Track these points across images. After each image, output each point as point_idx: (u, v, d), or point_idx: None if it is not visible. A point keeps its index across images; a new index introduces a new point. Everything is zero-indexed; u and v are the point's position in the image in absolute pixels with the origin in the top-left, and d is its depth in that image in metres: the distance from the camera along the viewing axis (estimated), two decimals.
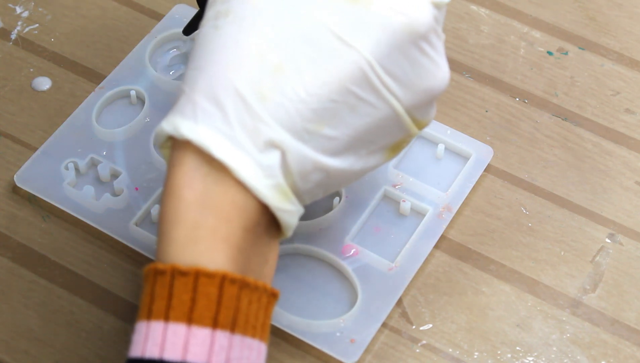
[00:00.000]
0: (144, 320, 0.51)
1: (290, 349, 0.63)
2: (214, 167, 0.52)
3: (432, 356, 0.63)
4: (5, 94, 0.74)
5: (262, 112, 0.52)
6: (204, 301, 0.51)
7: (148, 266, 0.52)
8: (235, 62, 0.53)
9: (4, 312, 0.65)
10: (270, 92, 0.53)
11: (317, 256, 0.66)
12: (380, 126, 0.56)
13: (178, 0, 0.79)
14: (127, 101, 0.73)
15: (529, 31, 0.78)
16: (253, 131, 0.52)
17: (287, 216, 0.54)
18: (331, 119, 0.54)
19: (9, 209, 0.69)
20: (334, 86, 0.53)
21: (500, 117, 0.73)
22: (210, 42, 0.54)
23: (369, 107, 0.54)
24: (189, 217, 0.52)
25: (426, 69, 0.56)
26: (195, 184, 0.52)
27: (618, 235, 0.68)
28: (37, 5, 0.79)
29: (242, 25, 0.54)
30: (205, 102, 0.53)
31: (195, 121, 0.53)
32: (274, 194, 0.53)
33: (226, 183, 0.52)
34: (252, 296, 0.52)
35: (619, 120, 0.73)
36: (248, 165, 0.52)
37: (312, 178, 0.55)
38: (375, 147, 0.57)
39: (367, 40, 0.53)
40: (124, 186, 0.68)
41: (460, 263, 0.67)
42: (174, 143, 0.54)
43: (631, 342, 0.64)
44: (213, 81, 0.53)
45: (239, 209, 0.52)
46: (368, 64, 0.53)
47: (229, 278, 0.51)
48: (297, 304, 0.64)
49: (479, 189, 0.70)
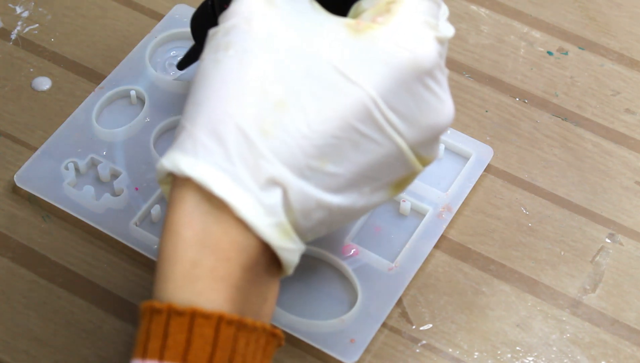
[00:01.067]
0: (139, 358, 0.50)
1: (290, 349, 0.63)
2: (214, 205, 0.51)
3: (432, 356, 0.63)
4: (5, 94, 0.74)
5: (264, 148, 0.51)
6: (199, 342, 0.50)
7: (145, 304, 0.51)
8: (237, 97, 0.52)
9: (4, 312, 0.65)
10: (272, 128, 0.52)
11: (317, 256, 0.66)
12: (383, 163, 0.54)
13: (178, 0, 0.79)
14: (127, 101, 0.73)
15: (529, 31, 0.78)
16: (254, 167, 0.51)
17: (288, 255, 0.53)
18: (334, 155, 0.53)
19: (9, 209, 0.69)
20: (337, 122, 0.52)
21: (500, 117, 0.73)
22: (211, 76, 0.53)
23: (372, 143, 0.53)
24: (187, 256, 0.51)
25: (431, 105, 0.54)
26: (195, 222, 0.51)
27: (618, 235, 0.68)
28: (37, 5, 0.79)
29: (243, 60, 0.53)
30: (205, 138, 0.52)
31: (196, 157, 0.51)
32: (275, 232, 0.52)
33: (226, 222, 0.51)
34: (250, 337, 0.51)
35: (619, 120, 0.73)
36: (249, 203, 0.51)
37: (315, 215, 0.53)
38: (379, 184, 0.56)
39: (371, 77, 0.52)
40: (124, 186, 0.68)
41: (460, 263, 0.67)
42: (174, 180, 0.53)
43: (631, 342, 0.64)
44: (213, 117, 0.52)
45: (239, 249, 0.51)
46: (372, 101, 0.52)
47: (226, 320, 0.50)
48: (297, 304, 0.64)
49: (479, 189, 0.70)
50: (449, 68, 0.75)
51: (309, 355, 0.63)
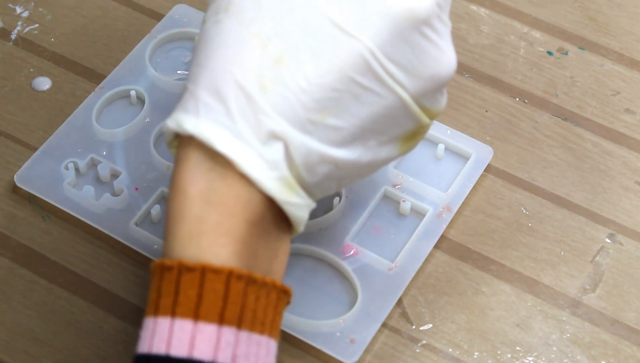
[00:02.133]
0: (151, 316, 0.51)
1: (290, 349, 0.63)
2: (218, 161, 0.52)
3: (432, 356, 0.63)
4: (5, 94, 0.74)
5: (264, 104, 0.52)
6: (210, 297, 0.51)
7: (155, 262, 0.52)
8: (236, 56, 0.53)
9: (4, 312, 0.65)
10: (271, 84, 0.52)
11: (317, 256, 0.66)
12: (387, 115, 0.55)
13: (178, 0, 0.79)
14: (127, 101, 0.73)
15: (529, 31, 0.78)
16: (255, 123, 0.52)
17: (294, 210, 0.54)
18: (335, 108, 0.53)
19: (9, 209, 0.69)
20: (336, 75, 0.53)
21: (500, 117, 0.73)
22: (212, 37, 0.54)
23: (373, 95, 0.54)
24: (192, 212, 0.52)
25: (430, 55, 0.55)
26: (199, 179, 0.52)
27: (618, 235, 0.68)
28: (37, 5, 0.79)
29: (241, 19, 0.54)
30: (207, 97, 0.53)
31: (198, 116, 0.53)
32: (278, 186, 0.53)
33: (230, 177, 0.52)
34: (260, 292, 0.52)
35: (619, 120, 0.73)
36: (251, 158, 0.52)
37: (319, 169, 0.54)
38: (385, 138, 0.57)
39: (368, 29, 0.53)
40: (124, 186, 0.68)
41: (460, 263, 0.67)
42: (179, 140, 0.54)
43: (631, 342, 0.64)
44: (214, 76, 0.53)
45: (243, 203, 0.52)
46: (370, 52, 0.53)
47: (236, 274, 0.51)
48: (297, 304, 0.64)
49: (479, 189, 0.70)
50: None
51: (309, 355, 0.63)
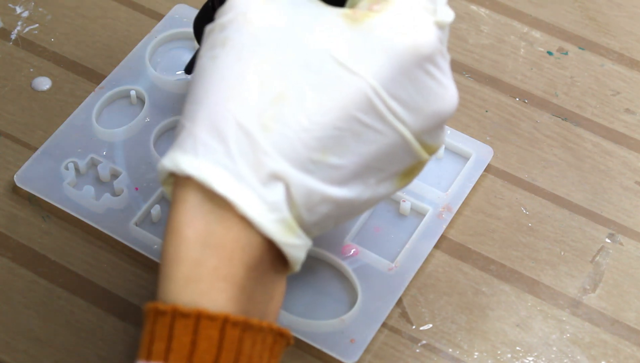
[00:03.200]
0: (144, 360, 0.50)
1: (290, 349, 0.63)
2: (217, 203, 0.51)
3: (432, 356, 0.63)
4: (5, 94, 0.74)
5: (265, 143, 0.51)
6: (204, 344, 0.49)
7: (149, 305, 0.51)
8: (236, 93, 0.51)
9: (4, 312, 0.65)
10: (272, 123, 0.51)
11: (317, 256, 0.66)
12: (388, 153, 0.54)
13: (178, 0, 0.79)
14: (127, 101, 0.73)
15: (529, 31, 0.78)
16: (255, 163, 0.51)
17: (294, 251, 0.53)
18: (336, 147, 0.52)
19: (9, 209, 0.69)
20: (338, 113, 0.51)
21: (500, 117, 0.73)
22: (209, 73, 0.52)
23: (375, 133, 0.53)
24: (190, 256, 0.50)
25: (433, 91, 0.54)
26: (197, 222, 0.51)
27: (618, 235, 0.68)
28: (37, 5, 0.79)
29: (240, 55, 0.52)
30: (206, 136, 0.51)
31: (196, 155, 0.51)
32: (279, 228, 0.51)
33: (229, 220, 0.51)
34: (256, 337, 0.51)
35: (619, 120, 0.73)
36: (251, 200, 0.51)
37: (319, 209, 0.53)
38: (385, 175, 0.55)
39: (371, 66, 0.52)
40: (124, 186, 0.68)
41: (460, 263, 0.67)
42: (176, 180, 0.52)
43: (631, 342, 0.64)
44: (213, 114, 0.51)
45: (242, 247, 0.51)
46: (372, 90, 0.52)
47: (231, 321, 0.50)
48: (297, 304, 0.64)
49: (479, 189, 0.70)
50: None
51: (309, 355, 0.63)
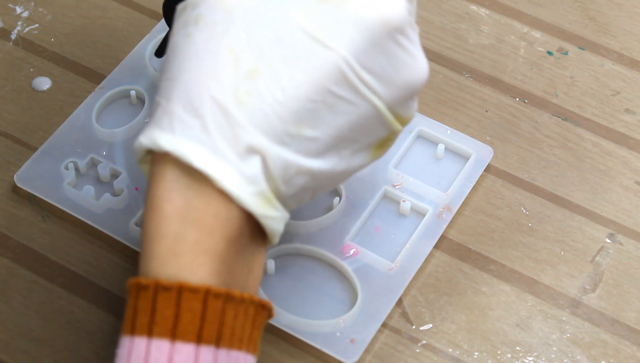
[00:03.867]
0: (128, 334, 0.51)
1: (290, 349, 0.63)
2: (195, 178, 0.51)
3: (432, 356, 0.63)
4: (5, 94, 0.74)
5: (241, 118, 0.52)
6: (187, 316, 0.50)
7: (131, 280, 0.51)
8: (210, 70, 0.52)
9: (4, 312, 0.65)
10: (247, 97, 0.52)
11: (317, 256, 0.66)
12: (361, 124, 0.55)
13: None
14: (127, 101, 0.73)
15: (529, 31, 0.78)
16: (232, 138, 0.52)
17: (272, 223, 0.53)
18: (311, 119, 0.53)
19: (9, 209, 0.69)
20: (311, 86, 0.52)
21: (500, 117, 0.73)
22: (182, 51, 0.53)
23: (348, 105, 0.54)
24: (170, 231, 0.51)
25: (404, 62, 0.55)
26: (176, 197, 0.51)
27: (618, 235, 0.68)
28: (37, 5, 0.79)
29: (214, 32, 0.53)
30: (182, 112, 0.52)
31: (173, 132, 0.52)
32: (257, 201, 0.52)
33: (208, 194, 0.51)
34: (238, 309, 0.52)
35: (619, 120, 0.73)
36: (229, 173, 0.51)
37: (296, 181, 0.54)
38: (359, 146, 0.56)
39: (343, 39, 0.53)
40: (124, 186, 0.68)
41: (460, 263, 0.67)
42: (153, 157, 0.53)
43: (631, 342, 0.64)
44: (188, 90, 0.52)
45: (222, 220, 0.52)
46: (345, 62, 0.53)
47: (213, 293, 0.50)
48: (297, 304, 0.64)
49: (479, 189, 0.70)
50: (449, 68, 0.75)
51: (309, 355, 0.63)
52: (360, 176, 0.69)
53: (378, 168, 0.69)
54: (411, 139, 0.71)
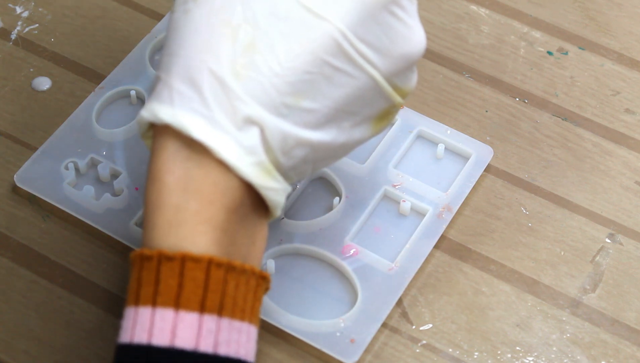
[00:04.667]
0: (132, 305, 0.51)
1: (290, 349, 0.63)
2: (195, 149, 0.52)
3: (432, 356, 0.63)
4: (5, 94, 0.74)
5: (238, 90, 0.52)
6: (191, 286, 0.51)
7: (134, 251, 0.52)
8: (208, 44, 0.53)
9: (4, 312, 0.65)
10: (244, 70, 0.53)
11: (317, 256, 0.66)
12: (360, 96, 0.56)
13: None
14: (127, 101, 0.73)
15: (529, 31, 0.78)
16: (230, 109, 0.52)
17: (272, 194, 0.54)
18: (309, 91, 0.54)
19: (9, 209, 0.69)
20: (308, 57, 0.53)
21: (500, 117, 0.73)
22: (182, 26, 0.54)
23: (345, 76, 0.54)
24: (170, 202, 0.52)
25: (401, 33, 0.55)
26: (176, 168, 0.52)
27: (618, 235, 0.68)
28: (37, 5, 0.79)
29: (211, 7, 0.54)
30: (181, 86, 0.53)
31: (172, 104, 0.53)
32: (256, 171, 0.53)
33: (207, 165, 0.52)
34: (239, 279, 0.52)
35: (619, 120, 0.73)
36: (228, 144, 0.52)
37: (295, 153, 0.54)
38: (359, 118, 0.57)
39: (338, 10, 0.53)
40: (124, 186, 0.68)
41: (460, 263, 0.67)
42: (155, 130, 0.54)
43: (631, 342, 0.64)
44: (187, 64, 0.53)
45: (221, 191, 0.52)
46: (341, 34, 0.53)
47: (215, 262, 0.51)
48: (297, 304, 0.64)
49: (479, 189, 0.70)
50: (449, 68, 0.75)
51: (309, 355, 0.63)
52: (360, 176, 0.69)
53: (378, 168, 0.69)
54: (411, 139, 0.71)
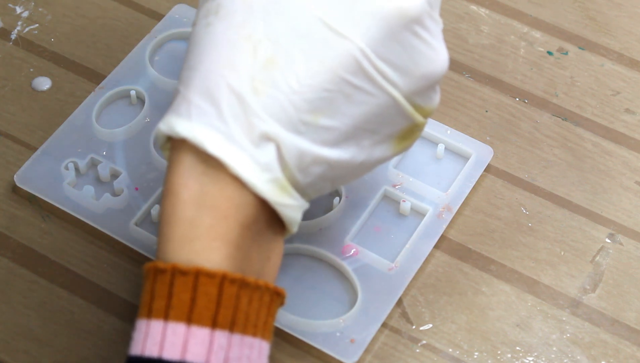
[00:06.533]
0: (144, 318, 0.51)
1: (290, 349, 0.63)
2: (210, 165, 0.52)
3: (432, 356, 0.63)
4: (5, 94, 0.74)
5: (256, 106, 0.52)
6: (203, 301, 0.51)
7: (148, 265, 0.52)
8: (228, 59, 0.53)
9: (4, 312, 0.65)
10: (263, 86, 0.53)
11: (317, 256, 0.66)
12: (380, 115, 0.55)
13: (178, 0, 0.79)
14: (127, 101, 0.73)
15: (529, 31, 0.78)
16: (247, 125, 0.52)
17: (288, 211, 0.54)
18: (327, 109, 0.53)
19: (9, 209, 0.69)
20: (327, 75, 0.53)
21: (500, 117, 0.73)
22: (202, 40, 0.54)
23: (365, 95, 0.54)
24: (185, 216, 0.52)
25: (423, 53, 0.55)
26: (192, 183, 0.52)
27: (618, 235, 0.68)
28: (37, 5, 0.79)
29: (232, 21, 0.54)
30: (199, 100, 0.53)
31: (190, 119, 0.53)
32: (271, 188, 0.53)
33: (222, 180, 0.52)
34: (253, 295, 0.52)
35: (619, 120, 0.73)
36: (244, 160, 0.52)
37: (313, 170, 0.54)
38: (379, 137, 0.57)
39: (359, 28, 0.53)
40: (124, 186, 0.68)
41: (460, 263, 0.67)
42: (172, 143, 0.54)
43: (631, 342, 0.64)
44: (206, 79, 0.53)
45: (236, 206, 0.52)
46: (361, 52, 0.53)
47: (229, 278, 0.51)
48: (297, 304, 0.64)
49: (479, 189, 0.70)
50: (449, 68, 0.75)
51: (309, 355, 0.63)
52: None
53: (378, 168, 0.69)
54: None
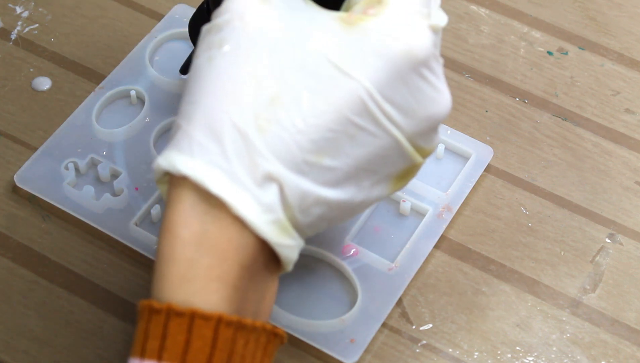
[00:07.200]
0: (137, 357, 0.50)
1: (290, 349, 0.63)
2: (211, 204, 0.51)
3: (432, 356, 0.63)
4: (5, 94, 0.74)
5: (260, 144, 0.51)
6: (198, 343, 0.50)
7: (143, 303, 0.51)
8: (232, 94, 0.52)
9: (4, 312, 0.65)
10: (267, 124, 0.51)
11: (317, 256, 0.66)
12: (381, 155, 0.54)
13: (178, 0, 0.79)
14: (127, 101, 0.73)
15: (529, 31, 0.78)
16: (250, 164, 0.51)
17: (287, 251, 0.53)
18: (331, 149, 0.52)
19: (9, 209, 0.69)
20: (332, 115, 0.52)
21: (500, 117, 0.73)
22: (205, 74, 0.53)
23: (369, 136, 0.53)
24: (184, 256, 0.50)
25: (427, 95, 0.54)
26: (192, 222, 0.51)
27: (618, 235, 0.68)
28: (37, 5, 0.79)
29: (237, 56, 0.52)
30: (201, 137, 0.51)
31: (192, 155, 0.51)
32: (273, 229, 0.52)
33: (223, 220, 0.51)
34: (249, 337, 0.51)
35: (619, 120, 0.73)
36: (246, 200, 0.51)
37: (313, 211, 0.53)
38: (378, 177, 0.55)
39: (366, 69, 0.52)
40: (124, 186, 0.68)
41: (460, 263, 0.67)
42: (171, 179, 0.52)
43: (631, 342, 0.64)
44: (209, 114, 0.51)
45: (236, 247, 0.51)
46: (367, 93, 0.52)
47: (225, 321, 0.50)
48: (297, 304, 0.64)
49: (479, 189, 0.70)
50: (449, 68, 0.75)
51: (309, 355, 0.63)
52: None
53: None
54: None
